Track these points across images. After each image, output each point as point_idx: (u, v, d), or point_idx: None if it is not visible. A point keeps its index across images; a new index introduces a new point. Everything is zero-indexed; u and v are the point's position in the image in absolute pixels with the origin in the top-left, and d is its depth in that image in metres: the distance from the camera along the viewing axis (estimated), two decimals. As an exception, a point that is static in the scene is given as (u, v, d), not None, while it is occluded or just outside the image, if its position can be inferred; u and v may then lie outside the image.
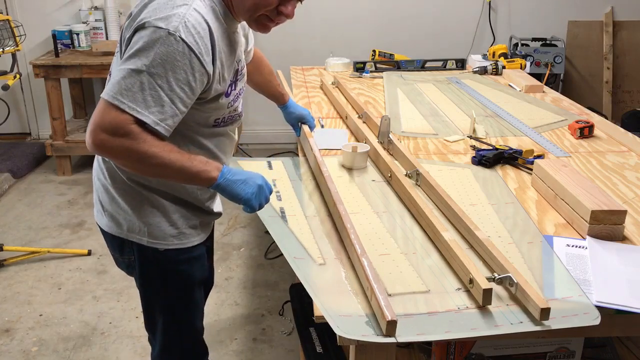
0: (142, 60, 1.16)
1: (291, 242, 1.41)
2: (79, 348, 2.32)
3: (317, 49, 4.10)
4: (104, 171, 1.41)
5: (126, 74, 1.17)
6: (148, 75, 1.16)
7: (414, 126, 2.24)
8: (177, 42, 1.16)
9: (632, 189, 1.69)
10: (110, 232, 1.43)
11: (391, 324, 1.06)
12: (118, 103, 1.16)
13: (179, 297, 1.49)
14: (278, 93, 1.92)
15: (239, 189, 1.31)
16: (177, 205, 1.41)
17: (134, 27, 1.20)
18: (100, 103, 1.18)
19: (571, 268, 1.29)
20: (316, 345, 1.92)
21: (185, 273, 1.47)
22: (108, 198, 1.42)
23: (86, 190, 3.76)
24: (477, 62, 3.28)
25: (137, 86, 1.16)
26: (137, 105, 1.17)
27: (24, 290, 2.69)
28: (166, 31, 1.16)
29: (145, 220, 1.39)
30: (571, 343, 1.55)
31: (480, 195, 1.64)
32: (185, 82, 1.20)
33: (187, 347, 1.57)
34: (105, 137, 1.17)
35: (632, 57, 4.50)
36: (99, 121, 1.17)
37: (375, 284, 1.14)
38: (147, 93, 1.17)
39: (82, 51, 4.08)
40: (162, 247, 1.41)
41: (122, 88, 1.16)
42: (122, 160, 1.23)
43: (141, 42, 1.17)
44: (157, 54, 1.16)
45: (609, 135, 2.16)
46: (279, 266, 2.90)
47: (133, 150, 1.18)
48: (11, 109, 3.38)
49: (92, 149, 1.20)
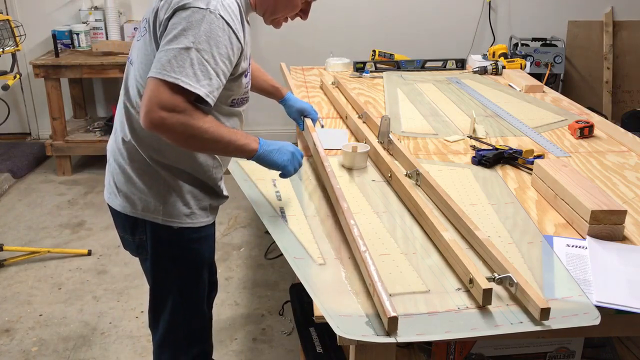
0: (188, 38, 1.24)
1: (291, 242, 1.41)
2: (79, 348, 2.32)
3: (317, 49, 4.10)
4: (122, 152, 1.45)
5: (176, 53, 1.24)
6: (196, 52, 1.24)
7: (414, 126, 2.24)
8: (217, 19, 1.26)
9: (632, 189, 1.69)
10: (124, 212, 1.48)
11: (392, 320, 1.06)
12: (173, 80, 1.23)
13: (189, 276, 1.54)
14: (273, 88, 1.93)
15: (276, 157, 1.45)
16: (191, 186, 1.47)
17: (172, 9, 1.28)
18: (152, 83, 1.24)
19: (571, 268, 1.29)
20: (316, 345, 1.92)
21: (196, 251, 1.53)
22: (124, 178, 1.46)
23: (86, 190, 3.76)
24: (477, 62, 3.28)
25: (188, 63, 1.24)
26: (190, 79, 1.24)
27: (24, 290, 2.70)
28: (207, 10, 1.26)
29: (160, 200, 1.44)
30: (571, 343, 1.55)
31: (480, 195, 1.64)
32: (226, 56, 1.29)
33: (194, 328, 1.60)
34: (164, 114, 1.23)
35: (632, 57, 4.50)
36: (157, 100, 1.23)
37: (378, 281, 1.15)
38: (197, 68, 1.25)
39: (82, 51, 4.08)
40: (176, 226, 1.46)
41: (174, 66, 1.23)
42: (177, 136, 1.29)
43: (184, 22, 1.25)
44: (201, 32, 1.25)
45: (609, 135, 2.16)
46: (279, 266, 2.90)
47: (189, 125, 1.26)
48: (11, 109, 3.38)
49: (150, 127, 1.26)
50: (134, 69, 1.40)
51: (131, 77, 1.42)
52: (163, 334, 1.58)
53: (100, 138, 3.93)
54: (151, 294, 1.57)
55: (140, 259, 1.58)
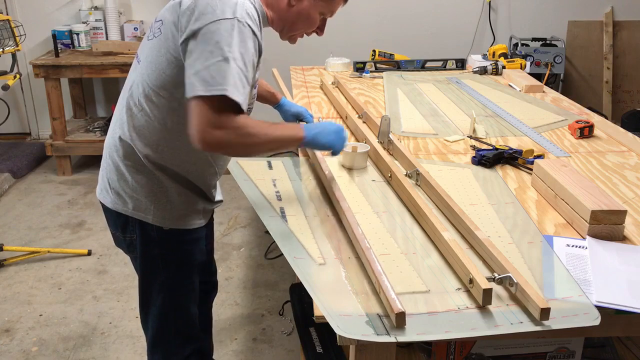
0: (223, 49, 1.23)
1: (291, 242, 1.41)
2: (79, 348, 2.32)
3: (317, 49, 4.10)
4: (118, 149, 1.45)
5: (217, 67, 1.23)
6: (233, 61, 1.24)
7: (414, 126, 2.24)
8: (245, 27, 1.27)
9: (632, 189, 1.69)
10: (115, 210, 1.48)
11: (400, 315, 1.06)
12: (219, 92, 1.22)
13: (178, 276, 1.53)
14: (268, 93, 1.93)
15: (323, 139, 1.48)
16: (184, 188, 1.47)
17: (200, 22, 1.25)
18: (198, 104, 1.22)
19: (571, 268, 1.29)
20: (316, 345, 1.92)
21: (186, 253, 1.52)
22: (117, 176, 1.46)
23: (86, 190, 3.76)
24: (477, 62, 3.28)
25: (228, 73, 1.23)
26: (232, 90, 1.23)
27: (24, 290, 2.70)
28: (235, 19, 1.26)
29: (152, 199, 1.44)
30: (571, 343, 1.55)
31: (480, 195, 1.64)
32: (252, 63, 1.30)
33: (184, 328, 1.59)
34: (218, 133, 1.23)
35: (632, 57, 4.50)
36: (206, 120, 1.22)
37: (385, 278, 1.15)
38: (237, 78, 1.24)
39: (82, 51, 4.08)
40: (167, 227, 1.46)
41: (217, 80, 1.22)
42: (235, 149, 1.32)
43: (216, 35, 1.24)
44: (234, 41, 1.25)
45: (609, 135, 2.16)
46: (279, 266, 2.90)
47: (243, 135, 1.27)
48: (11, 109, 3.38)
49: (207, 149, 1.27)
50: (142, 67, 1.40)
51: (137, 75, 1.41)
52: (153, 333, 1.57)
53: (100, 138, 3.93)
54: (140, 291, 1.57)
55: (131, 257, 1.57)
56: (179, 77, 1.31)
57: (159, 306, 1.54)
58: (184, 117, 1.31)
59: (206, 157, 1.47)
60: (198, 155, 1.44)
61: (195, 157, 1.45)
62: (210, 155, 1.48)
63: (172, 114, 1.38)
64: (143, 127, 1.40)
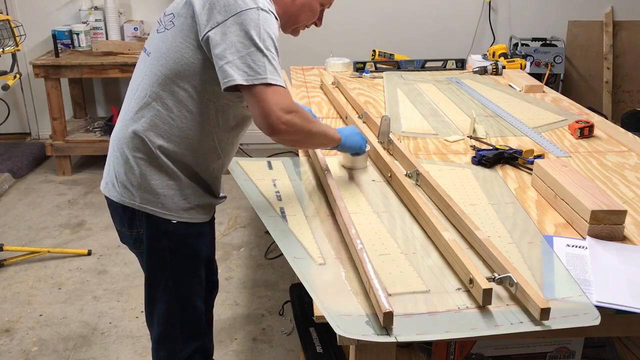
0: (255, 39, 1.30)
1: (291, 242, 1.41)
2: (79, 348, 2.32)
3: (317, 49, 4.10)
4: (128, 142, 1.45)
5: (256, 56, 1.29)
6: (266, 50, 1.31)
7: (414, 126, 2.24)
8: (268, 15, 1.35)
9: (632, 189, 1.69)
10: (122, 204, 1.47)
11: (387, 315, 1.06)
12: (273, 81, 1.30)
13: (185, 270, 1.53)
14: None
15: (353, 141, 1.67)
16: (192, 181, 1.48)
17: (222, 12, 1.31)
18: (259, 91, 1.30)
19: (571, 268, 1.29)
20: (316, 345, 1.92)
21: (193, 247, 1.53)
22: (125, 169, 1.46)
23: (86, 190, 3.76)
24: (477, 62, 3.28)
25: (267, 61, 1.30)
26: (277, 78, 1.31)
27: (24, 290, 2.70)
28: (258, 8, 1.32)
29: (160, 192, 1.45)
30: (571, 343, 1.55)
31: (480, 195, 1.64)
32: (275, 49, 1.35)
33: (190, 323, 1.59)
34: (289, 116, 1.32)
35: (632, 57, 4.50)
36: (275, 104, 1.30)
37: (375, 277, 1.15)
38: (274, 64, 1.32)
39: (82, 51, 4.08)
40: (174, 219, 1.47)
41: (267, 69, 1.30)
42: (299, 136, 1.38)
43: (247, 25, 1.30)
44: (263, 30, 1.31)
45: (609, 135, 2.16)
46: (279, 266, 2.90)
47: (307, 120, 1.38)
48: (11, 109, 3.38)
49: (280, 133, 1.33)
50: (152, 59, 1.42)
51: (147, 67, 1.43)
52: (159, 329, 1.57)
53: (100, 138, 3.93)
54: (146, 287, 1.56)
55: (137, 253, 1.57)
56: (196, 67, 1.36)
57: (165, 301, 1.54)
58: (197, 105, 1.38)
59: (215, 148, 1.48)
60: (208, 146, 1.46)
61: (205, 147, 1.46)
62: (220, 146, 1.48)
63: (186, 102, 1.40)
64: (156, 117, 1.41)
